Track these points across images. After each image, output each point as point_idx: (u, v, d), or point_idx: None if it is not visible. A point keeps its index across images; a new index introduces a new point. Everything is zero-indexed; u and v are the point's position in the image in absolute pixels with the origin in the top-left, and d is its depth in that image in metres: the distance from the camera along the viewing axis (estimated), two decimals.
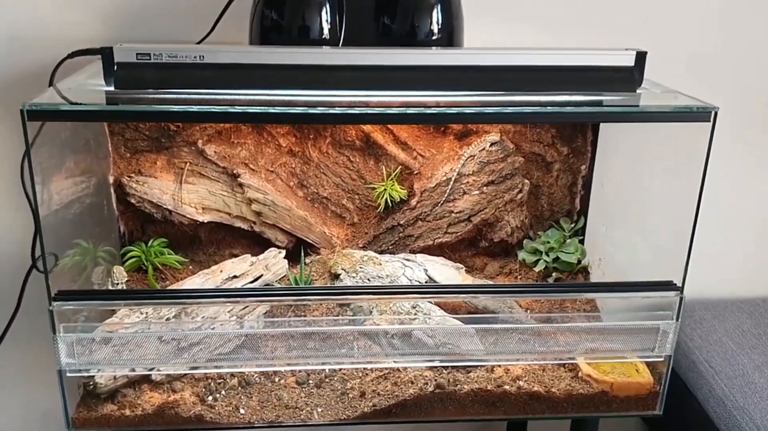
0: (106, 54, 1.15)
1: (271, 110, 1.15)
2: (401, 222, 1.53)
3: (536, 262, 1.55)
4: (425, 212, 1.53)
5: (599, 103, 1.25)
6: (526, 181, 1.56)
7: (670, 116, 1.18)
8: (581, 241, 1.58)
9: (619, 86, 1.24)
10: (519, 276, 1.56)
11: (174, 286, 1.40)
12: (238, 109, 1.13)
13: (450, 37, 1.35)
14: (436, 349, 1.29)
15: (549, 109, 1.19)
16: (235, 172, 1.48)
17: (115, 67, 1.15)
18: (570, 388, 1.30)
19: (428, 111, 1.16)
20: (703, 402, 1.56)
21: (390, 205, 1.53)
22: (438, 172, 1.52)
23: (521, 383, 1.30)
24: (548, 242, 1.55)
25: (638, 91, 1.25)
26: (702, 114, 1.15)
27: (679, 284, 1.26)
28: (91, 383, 1.23)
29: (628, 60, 1.24)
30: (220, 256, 1.56)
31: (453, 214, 1.54)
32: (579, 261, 1.54)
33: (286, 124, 1.47)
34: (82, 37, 1.45)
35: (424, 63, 1.21)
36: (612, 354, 1.30)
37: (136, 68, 1.16)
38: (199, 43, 1.42)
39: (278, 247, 1.52)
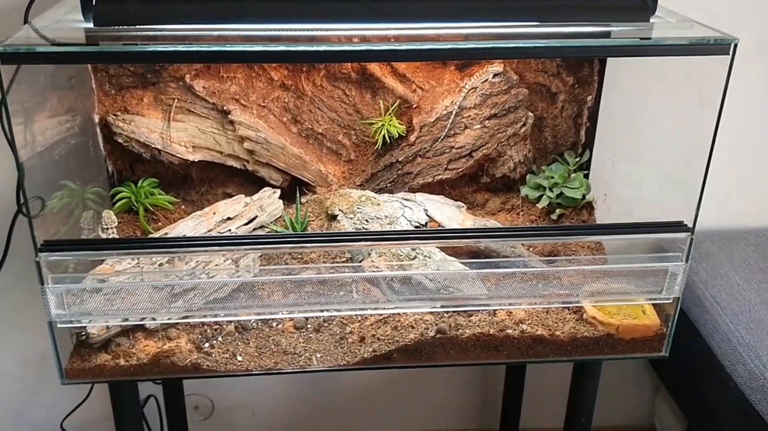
0: None
1: (264, 48, 1.08)
2: (400, 159, 1.47)
3: (539, 198, 1.50)
4: (425, 148, 1.47)
5: (608, 35, 1.17)
6: (530, 113, 1.49)
7: (685, 50, 1.11)
8: (586, 176, 1.52)
9: (631, 15, 1.17)
10: (521, 212, 1.51)
11: (166, 229, 1.35)
12: (229, 47, 1.07)
13: None
14: (437, 293, 1.25)
15: (556, 42, 1.12)
16: (225, 108, 1.42)
17: (94, 2, 1.08)
18: (574, 331, 1.27)
19: (426, 47, 1.09)
20: (707, 338, 1.54)
21: (388, 140, 1.47)
22: (438, 106, 1.45)
23: (524, 326, 1.27)
24: (552, 177, 1.49)
25: (651, 20, 1.17)
26: (720, 47, 1.08)
27: (689, 224, 1.22)
28: (84, 333, 1.19)
29: None
30: (213, 195, 1.51)
31: (454, 150, 1.48)
32: (583, 197, 1.48)
33: (280, 62, 1.40)
34: None
35: None
36: (618, 296, 1.27)
37: (116, 3, 1.09)
38: None
39: (273, 186, 1.47)
